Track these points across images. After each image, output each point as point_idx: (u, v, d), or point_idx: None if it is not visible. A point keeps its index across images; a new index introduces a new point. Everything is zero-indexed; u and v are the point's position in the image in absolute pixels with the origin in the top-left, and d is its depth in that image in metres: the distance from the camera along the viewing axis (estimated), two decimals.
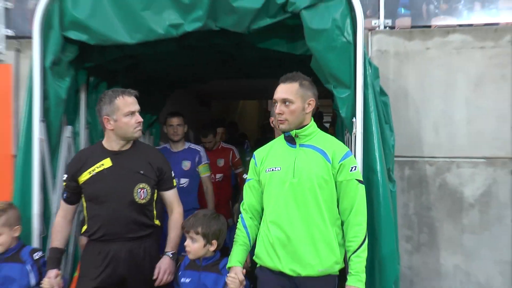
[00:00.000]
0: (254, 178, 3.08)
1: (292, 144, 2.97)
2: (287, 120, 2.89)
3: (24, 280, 3.31)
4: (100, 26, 3.53)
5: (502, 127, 4.75)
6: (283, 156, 2.97)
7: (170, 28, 3.48)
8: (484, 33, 4.83)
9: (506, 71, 4.71)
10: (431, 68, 4.92)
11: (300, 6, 3.26)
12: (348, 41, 3.22)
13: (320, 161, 2.86)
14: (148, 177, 3.28)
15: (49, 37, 3.62)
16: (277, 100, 2.91)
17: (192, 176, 4.95)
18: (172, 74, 5.35)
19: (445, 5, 6.35)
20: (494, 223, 4.78)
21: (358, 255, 2.82)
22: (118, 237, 3.19)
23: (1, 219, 3.30)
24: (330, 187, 2.86)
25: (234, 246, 3.08)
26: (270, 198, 2.95)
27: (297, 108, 2.88)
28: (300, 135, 2.93)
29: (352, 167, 2.89)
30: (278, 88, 2.93)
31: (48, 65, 3.62)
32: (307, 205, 2.84)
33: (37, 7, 3.61)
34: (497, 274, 4.75)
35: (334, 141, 3.00)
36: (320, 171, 2.85)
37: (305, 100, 2.91)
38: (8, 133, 5.60)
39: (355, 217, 2.87)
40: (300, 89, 2.89)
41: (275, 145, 3.09)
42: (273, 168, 2.95)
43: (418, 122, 4.92)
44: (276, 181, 2.91)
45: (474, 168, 4.83)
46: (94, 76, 4.24)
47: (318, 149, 2.90)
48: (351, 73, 3.24)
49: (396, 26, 5.42)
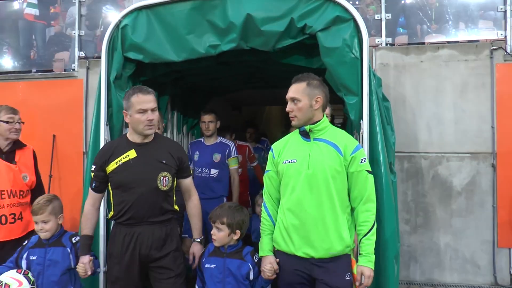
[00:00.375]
0: (272, 169, 2.84)
1: (307, 138, 2.74)
2: (296, 117, 2.70)
3: (66, 262, 3.14)
4: (153, 48, 3.55)
5: (483, 127, 4.70)
6: (298, 149, 2.74)
7: (210, 48, 3.47)
8: (467, 49, 4.77)
9: (485, 80, 4.66)
10: (424, 77, 4.88)
11: (316, 29, 3.23)
12: (356, 57, 3.17)
13: (333, 154, 2.64)
14: (170, 166, 3.02)
15: (113, 57, 3.64)
16: (288, 98, 2.74)
17: (221, 168, 4.69)
18: (210, 85, 5.35)
19: (435, 25, 6.26)
20: (478, 208, 4.72)
21: (368, 238, 2.62)
22: (142, 220, 2.95)
23: (48, 208, 3.16)
24: (342, 178, 2.64)
25: (263, 236, 2.87)
26: (286, 187, 2.72)
27: (304, 106, 2.67)
28: (314, 130, 2.70)
29: (362, 159, 2.67)
30: (290, 88, 2.74)
31: (112, 80, 3.65)
32: (320, 194, 2.62)
33: (105, 34, 3.64)
34: (479, 250, 4.69)
35: (345, 135, 2.76)
36: (333, 163, 2.62)
37: (312, 97, 2.67)
38: (80, 134, 5.71)
39: (365, 204, 2.65)
40: (307, 88, 2.67)
41: (291, 139, 2.84)
42: (290, 160, 2.72)
43: (414, 123, 4.88)
44: (292, 172, 2.69)
45: (461, 161, 4.76)
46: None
47: (331, 143, 2.68)
48: (359, 83, 3.19)
49: (395, 43, 5.35)
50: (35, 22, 6.60)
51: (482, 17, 5.81)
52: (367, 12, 6.78)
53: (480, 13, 5.81)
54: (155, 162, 2.99)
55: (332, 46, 3.19)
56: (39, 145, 5.34)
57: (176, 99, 4.95)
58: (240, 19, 3.33)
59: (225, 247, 3.07)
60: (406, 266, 4.81)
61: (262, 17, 3.29)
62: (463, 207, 4.73)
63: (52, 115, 5.84)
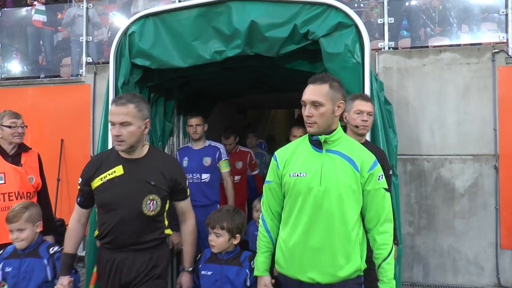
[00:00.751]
0: (274, 180, 2.48)
1: (319, 149, 2.37)
2: (316, 123, 2.31)
3: (42, 274, 2.91)
4: (160, 54, 3.63)
5: (486, 129, 4.75)
6: (309, 161, 2.37)
7: (215, 54, 3.54)
8: (469, 52, 4.83)
9: (487, 83, 4.72)
10: (427, 81, 4.94)
11: (319, 35, 3.29)
12: (358, 62, 3.24)
13: (348, 170, 2.31)
14: (159, 188, 2.64)
15: (121, 64, 3.72)
16: (306, 102, 2.32)
17: (213, 172, 4.45)
18: (216, 90, 5.43)
19: (439, 28, 6.34)
20: (480, 209, 4.77)
21: (388, 262, 2.33)
22: (124, 246, 2.61)
23: (24, 215, 2.96)
24: (357, 197, 2.32)
25: (259, 253, 2.55)
26: (294, 204, 2.36)
27: (327, 111, 2.29)
28: (329, 140, 2.35)
29: (379, 176, 2.36)
30: (308, 89, 2.34)
31: (120, 85, 3.72)
32: (331, 214, 2.28)
33: (113, 41, 3.73)
34: (482, 252, 4.74)
35: (360, 148, 2.43)
36: (348, 180, 2.30)
37: (335, 102, 2.32)
38: (88, 138, 5.82)
39: (383, 225, 2.35)
40: (331, 91, 2.30)
41: (299, 148, 2.46)
42: (299, 173, 2.35)
43: (417, 126, 4.94)
44: (301, 187, 2.32)
45: (464, 163, 4.82)
46: (154, 92, 4.35)
47: (346, 156, 2.34)
48: (361, 87, 3.25)
49: (399, 47, 5.43)
50: (43, 28, 6.74)
51: (486, 19, 5.88)
52: (371, 16, 6.85)
53: (484, 15, 5.88)
54: (142, 182, 2.63)
55: (334, 51, 3.26)
56: (47, 149, 5.48)
57: (183, 104, 5.04)
58: (244, 25, 3.41)
59: (223, 254, 2.92)
60: (409, 267, 4.88)
61: (266, 23, 3.37)
62: (466, 208, 4.79)
63: (60, 120, 5.97)
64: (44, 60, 6.85)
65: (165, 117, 4.50)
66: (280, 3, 3.42)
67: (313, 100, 2.30)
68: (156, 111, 4.40)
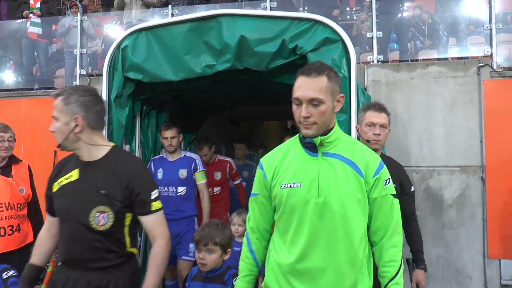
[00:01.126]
0: (262, 193, 2.09)
1: (313, 153, 1.98)
2: (317, 124, 1.91)
3: None
4: (152, 68, 3.72)
5: (472, 141, 4.85)
6: (302, 168, 1.98)
7: (206, 68, 3.63)
8: (455, 65, 4.95)
9: (473, 96, 4.83)
10: (415, 94, 5.04)
11: (307, 50, 3.40)
12: (345, 76, 3.33)
13: (351, 176, 1.94)
14: (112, 199, 2.16)
15: (114, 77, 3.81)
16: (302, 99, 1.90)
17: (189, 184, 4.28)
18: (207, 102, 5.52)
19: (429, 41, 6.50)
20: (468, 220, 4.85)
21: (396, 282, 1.98)
22: (77, 264, 2.20)
23: None
24: (363, 207, 1.96)
25: (240, 277, 2.20)
26: (289, 221, 1.98)
27: (328, 109, 1.90)
28: (325, 142, 1.96)
29: (386, 180, 2.00)
30: (302, 83, 1.92)
31: (113, 98, 3.82)
32: (334, 229, 1.92)
33: (106, 55, 3.82)
34: (470, 261, 4.82)
35: (363, 148, 2.06)
36: (352, 188, 1.93)
37: (335, 96, 1.95)
38: None
39: (391, 238, 2.00)
40: (329, 84, 1.91)
41: (289, 152, 2.05)
42: (292, 183, 1.96)
43: (405, 138, 5.03)
44: (296, 200, 1.95)
45: (451, 175, 4.91)
46: (147, 105, 4.43)
47: (347, 160, 1.96)
48: (347, 101, 3.34)
49: (389, 60, 5.56)
50: (38, 40, 6.83)
51: (474, 32, 6.03)
52: (362, 28, 7.00)
53: (471, 28, 6.03)
54: (92, 191, 2.19)
55: None
56: (40, 161, 5.52)
57: (175, 116, 5.12)
58: (234, 40, 3.51)
59: (207, 271, 2.74)
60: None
61: (256, 38, 3.48)
62: (454, 219, 4.87)
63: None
64: (38, 71, 6.92)
65: (157, 130, 4.57)
66: (269, 19, 3.53)
67: (312, 97, 1.88)
68: (148, 123, 4.49)
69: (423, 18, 6.74)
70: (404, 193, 3.08)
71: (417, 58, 6.10)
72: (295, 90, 1.94)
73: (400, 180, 3.00)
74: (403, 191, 3.07)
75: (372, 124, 2.91)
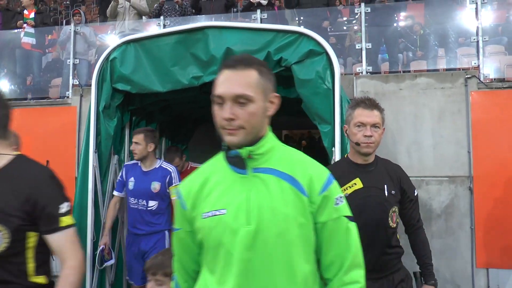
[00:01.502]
0: (183, 227, 1.63)
1: (241, 169, 1.54)
2: (244, 129, 1.48)
3: None
4: (140, 79, 3.78)
5: (460, 152, 4.89)
6: (228, 190, 1.54)
7: (193, 80, 3.70)
8: (443, 77, 5.01)
9: (461, 107, 4.88)
10: (403, 104, 5.10)
11: (291, 62, 3.47)
12: (329, 88, 3.40)
13: (290, 195, 1.51)
14: (7, 214, 1.77)
15: (103, 88, 3.89)
16: (225, 97, 1.47)
17: (162, 198, 3.93)
18: (196, 112, 5.57)
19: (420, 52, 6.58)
20: (457, 229, 4.88)
21: None
22: None
23: None
24: (307, 233, 1.52)
25: None
26: (215, 258, 1.54)
27: (258, 110, 1.49)
28: (255, 154, 1.52)
29: (337, 199, 1.57)
30: (224, 77, 1.50)
31: (101, 109, 3.88)
32: (270, 265, 1.49)
33: (95, 66, 3.88)
34: (459, 271, 4.84)
35: (305, 161, 1.60)
36: (292, 211, 1.50)
37: (267, 95, 1.53)
38: (73, 160, 5.92)
39: (348, 273, 1.55)
40: (261, 80, 1.51)
41: (213, 174, 1.60)
42: (214, 211, 1.53)
43: (394, 148, 5.07)
44: (221, 231, 1.51)
45: (440, 185, 4.94)
46: (136, 116, 4.49)
47: (284, 175, 1.53)
48: (331, 112, 3.40)
49: (381, 71, 5.62)
50: (32, 50, 6.89)
51: (464, 44, 6.11)
52: (355, 39, 7.08)
53: (461, 39, 6.11)
54: None
55: (306, 78, 3.43)
56: None
57: (164, 126, 5.17)
58: (220, 52, 3.59)
59: None
60: None
61: (241, 50, 3.55)
62: (443, 229, 4.90)
63: (46, 142, 6.06)
64: (32, 82, 6.98)
65: None
66: (255, 31, 3.61)
67: (238, 94, 1.46)
68: None
69: (415, 29, 6.83)
70: (408, 199, 2.66)
71: (409, 69, 6.17)
72: (217, 86, 1.50)
73: (401, 186, 2.61)
74: (406, 198, 2.64)
75: (361, 124, 2.44)
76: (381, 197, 2.51)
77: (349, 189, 2.50)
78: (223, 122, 1.47)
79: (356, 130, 2.47)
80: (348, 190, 2.49)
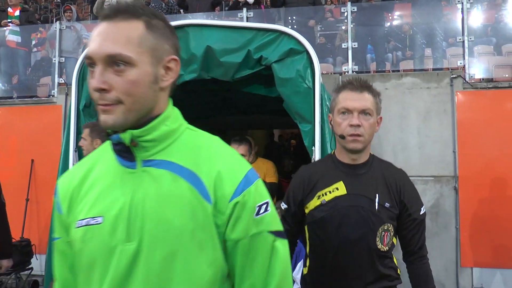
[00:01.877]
0: (62, 236, 1.18)
1: (128, 162, 1.11)
2: (122, 104, 1.04)
3: None
4: None
5: (446, 152, 4.90)
6: (109, 189, 1.11)
7: None
8: (429, 77, 5.01)
9: (446, 107, 4.88)
10: (389, 104, 5.09)
11: (271, 60, 3.45)
12: (309, 87, 3.38)
13: (187, 199, 1.06)
14: None
15: (83, 87, 3.85)
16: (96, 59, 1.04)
17: None
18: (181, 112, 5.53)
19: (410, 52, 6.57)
20: (442, 229, 4.90)
21: None
22: None
23: None
24: (211, 256, 1.08)
25: None
26: (87, 283, 1.10)
27: (142, 76, 1.05)
28: (143, 140, 1.08)
29: (259, 206, 1.10)
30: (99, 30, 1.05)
31: (81, 108, 3.85)
32: None
33: (76, 65, 3.86)
34: (444, 270, 4.86)
35: (217, 151, 1.15)
36: (188, 223, 1.05)
37: (160, 58, 1.09)
38: (58, 159, 5.87)
39: None
40: (149, 36, 1.07)
41: (96, 166, 1.17)
42: (89, 219, 1.09)
43: (380, 148, 5.07)
44: (94, 248, 1.08)
45: (425, 184, 4.95)
46: None
47: (184, 170, 1.09)
48: (312, 111, 3.38)
49: (371, 70, 5.62)
50: (17, 49, 6.85)
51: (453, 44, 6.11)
52: (345, 38, 7.08)
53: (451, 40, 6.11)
54: None
55: (286, 76, 3.41)
56: (17, 169, 5.54)
57: None
58: (200, 50, 3.56)
59: None
60: None
61: (221, 48, 3.53)
62: (428, 228, 4.85)
63: (31, 140, 6.03)
64: (18, 80, 6.94)
65: None
66: (235, 30, 3.59)
67: (110, 54, 1.03)
68: None
69: (404, 29, 6.83)
70: (408, 217, 1.94)
71: (399, 68, 6.17)
72: (88, 48, 1.08)
73: (402, 198, 1.93)
74: (406, 216, 1.94)
75: (347, 110, 1.84)
76: (369, 210, 1.86)
77: (328, 194, 1.90)
78: (95, 94, 1.05)
79: (341, 119, 1.85)
80: (327, 196, 1.89)
